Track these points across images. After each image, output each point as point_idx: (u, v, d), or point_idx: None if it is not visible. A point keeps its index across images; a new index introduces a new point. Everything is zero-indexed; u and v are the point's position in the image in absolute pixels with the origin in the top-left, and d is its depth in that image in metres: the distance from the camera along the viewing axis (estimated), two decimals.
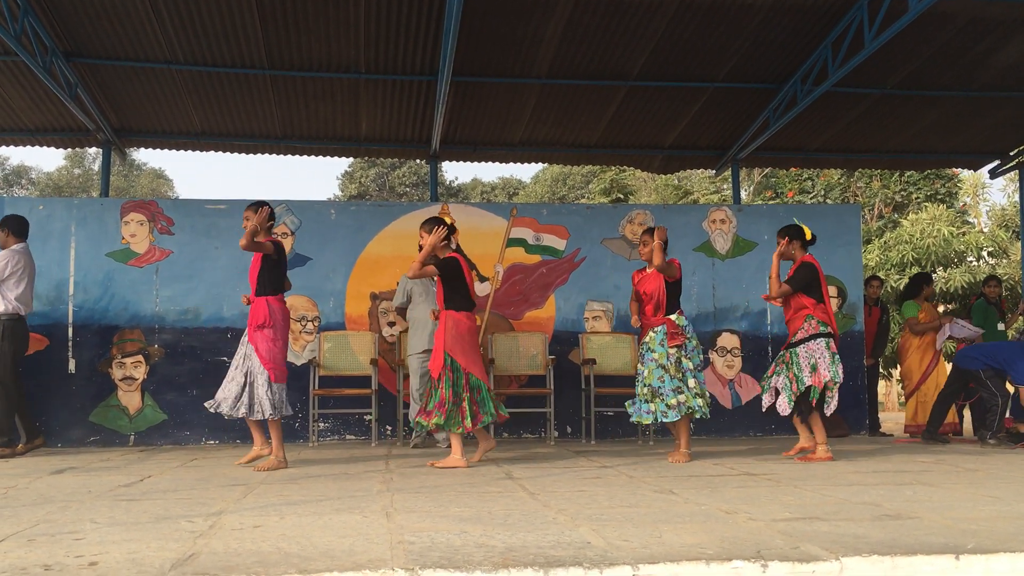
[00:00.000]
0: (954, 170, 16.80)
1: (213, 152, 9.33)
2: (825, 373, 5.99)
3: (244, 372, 5.70)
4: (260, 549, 2.77)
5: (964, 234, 15.25)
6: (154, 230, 8.22)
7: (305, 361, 8.04)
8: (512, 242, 8.58)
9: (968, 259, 15.62)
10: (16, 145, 9.16)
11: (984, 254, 16.42)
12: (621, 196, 20.69)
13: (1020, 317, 9.17)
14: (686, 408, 5.94)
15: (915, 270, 13.79)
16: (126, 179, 33.16)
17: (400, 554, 2.65)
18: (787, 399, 6.10)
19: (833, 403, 6.06)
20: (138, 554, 2.71)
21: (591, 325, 8.54)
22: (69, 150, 24.34)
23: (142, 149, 29.04)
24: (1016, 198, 16.65)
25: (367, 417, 7.98)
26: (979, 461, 5.87)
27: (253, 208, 5.75)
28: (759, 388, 8.63)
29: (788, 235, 6.29)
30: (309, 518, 3.43)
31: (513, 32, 7.18)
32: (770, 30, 7.26)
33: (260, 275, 5.75)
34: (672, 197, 19.88)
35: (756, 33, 7.28)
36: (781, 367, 6.19)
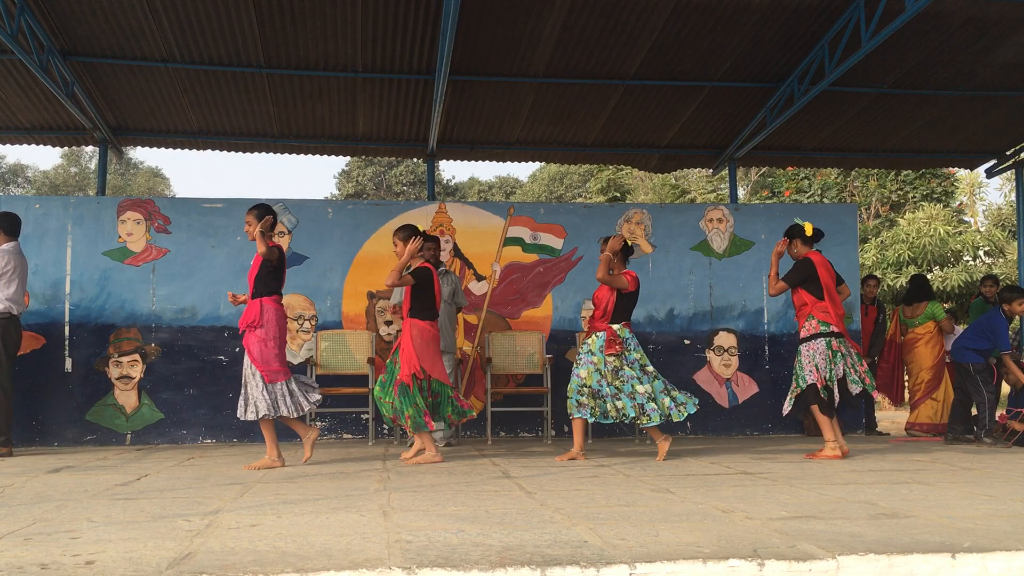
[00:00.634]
0: (950, 169, 16.81)
1: (210, 151, 9.33)
2: (824, 373, 6.04)
3: (243, 374, 5.72)
4: (257, 548, 2.77)
5: (960, 233, 15.26)
6: (151, 229, 8.21)
7: (302, 360, 8.05)
8: (509, 241, 8.58)
9: (965, 258, 15.64)
10: (12, 143, 9.15)
11: (980, 253, 16.45)
12: (618, 195, 20.71)
13: (1017, 317, 9.18)
14: (622, 415, 5.96)
15: (912, 269, 13.81)
16: (123, 178, 33.12)
17: (397, 553, 2.65)
18: (788, 398, 6.19)
19: (836, 395, 6.09)
20: (135, 553, 2.70)
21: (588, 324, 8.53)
22: (66, 148, 24.33)
23: (139, 147, 29.06)
24: (1012, 197, 16.67)
25: (364, 416, 7.98)
26: (975, 460, 5.88)
27: (255, 214, 5.74)
28: (756, 387, 8.69)
29: (789, 235, 6.42)
30: (306, 517, 3.43)
31: (510, 31, 7.18)
32: (767, 29, 7.26)
33: (259, 278, 5.75)
34: (669, 196, 19.89)
35: (753, 32, 7.29)
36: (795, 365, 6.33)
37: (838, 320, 6.17)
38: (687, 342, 8.64)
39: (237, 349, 7.83)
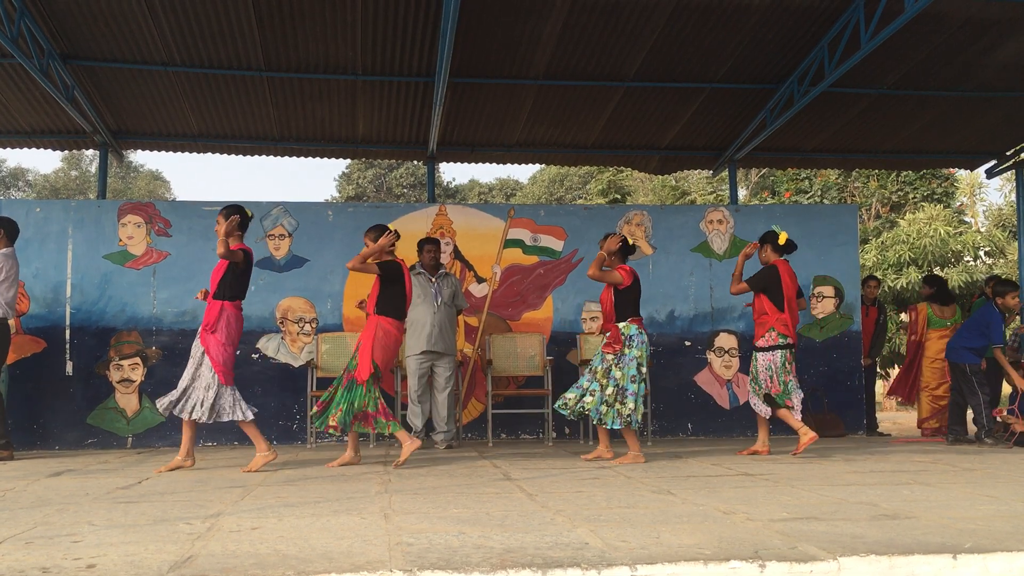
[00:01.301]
0: (951, 170, 16.82)
1: (210, 154, 9.33)
2: (778, 386, 6.35)
3: (191, 372, 5.66)
4: (258, 551, 2.77)
5: (961, 234, 15.26)
6: (151, 232, 8.21)
7: (303, 363, 8.05)
8: (510, 243, 8.59)
9: (965, 259, 15.63)
10: (13, 147, 9.15)
11: (981, 254, 16.45)
12: (618, 197, 20.72)
13: (1017, 316, 9.18)
14: (593, 411, 5.96)
15: (912, 270, 13.80)
16: (123, 181, 33.14)
17: (398, 555, 2.65)
18: (759, 399, 6.50)
19: (795, 412, 6.40)
20: (136, 556, 2.70)
21: (589, 326, 8.54)
22: (66, 152, 24.29)
23: (139, 151, 29.11)
24: (1013, 198, 16.68)
25: None
26: (976, 461, 5.88)
27: (224, 213, 5.72)
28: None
29: (762, 240, 6.67)
30: (307, 520, 3.43)
31: (510, 33, 7.18)
32: (767, 30, 7.27)
33: (223, 280, 5.68)
34: (669, 198, 19.89)
35: (753, 33, 7.29)
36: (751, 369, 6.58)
37: (794, 332, 6.43)
38: (688, 343, 8.64)
39: (237, 352, 7.81)
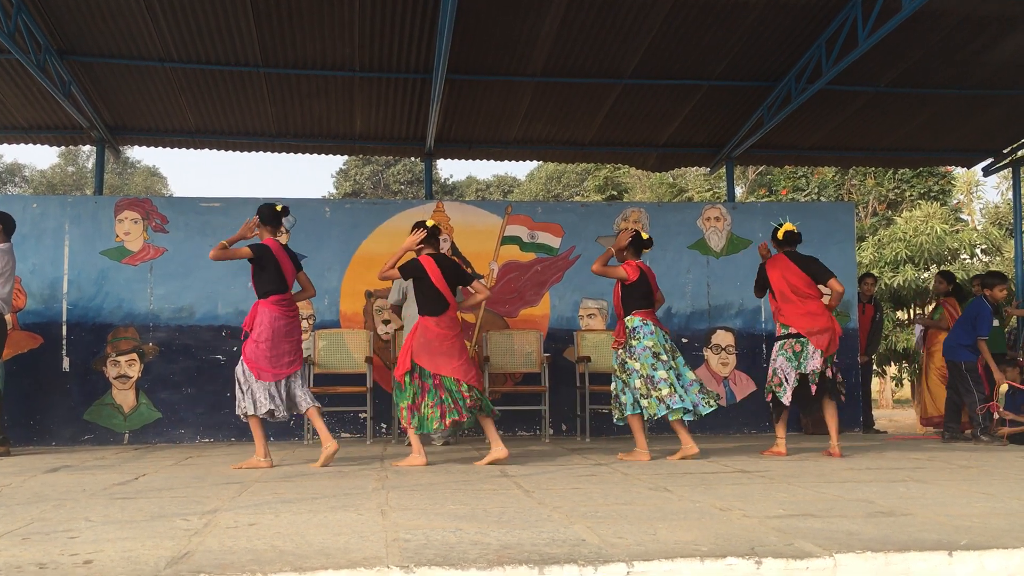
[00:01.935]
0: (948, 168, 16.82)
1: (207, 150, 9.31)
2: (781, 374, 6.25)
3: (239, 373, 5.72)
4: (255, 547, 2.77)
5: (958, 232, 15.26)
6: (148, 228, 8.20)
7: None
8: (507, 240, 8.59)
9: (962, 256, 15.64)
10: (10, 143, 9.14)
11: (978, 251, 16.45)
12: (616, 194, 20.70)
13: (1015, 317, 9.20)
14: (630, 408, 5.99)
15: (909, 267, 13.80)
16: (120, 177, 33.08)
17: (395, 552, 2.65)
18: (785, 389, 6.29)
19: (785, 399, 6.16)
20: (133, 552, 2.70)
21: (586, 323, 8.55)
22: (63, 148, 24.32)
23: (136, 147, 29.03)
24: (1009, 195, 16.69)
25: (362, 415, 7.98)
26: (972, 458, 5.89)
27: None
28: (754, 385, 8.70)
29: (770, 237, 6.65)
30: (304, 516, 3.43)
31: (508, 30, 7.18)
32: (764, 28, 7.27)
33: (253, 280, 5.81)
34: (667, 195, 19.89)
35: (750, 31, 7.29)
36: None
37: (794, 320, 6.21)
38: (685, 340, 8.65)
39: (235, 348, 7.83)
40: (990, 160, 10.16)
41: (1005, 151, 9.90)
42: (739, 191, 19.48)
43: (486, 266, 8.52)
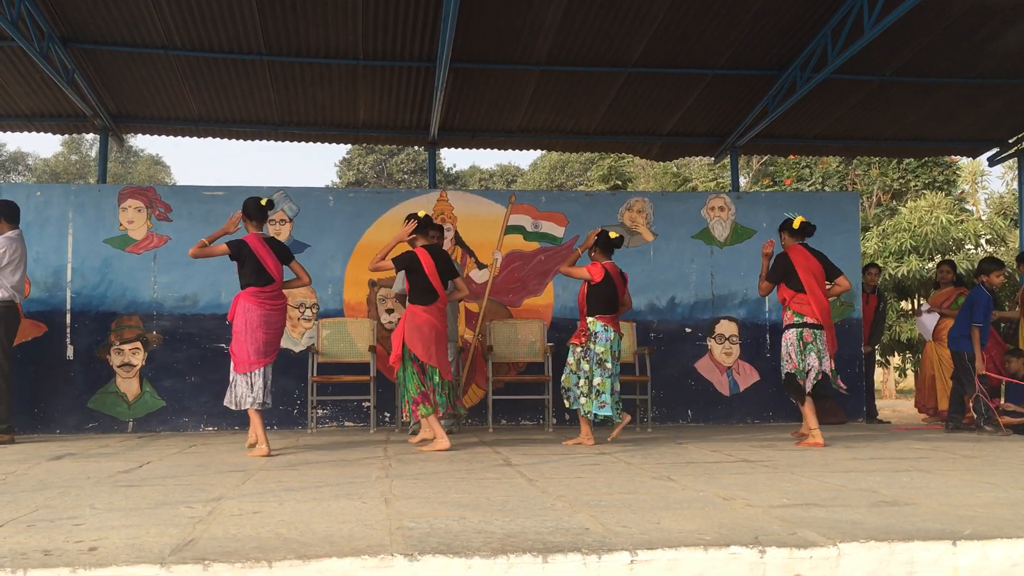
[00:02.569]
0: (952, 157, 16.76)
1: (211, 138, 9.31)
2: (794, 363, 6.25)
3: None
4: (259, 535, 2.78)
5: (962, 222, 15.21)
6: (152, 216, 8.20)
7: (303, 348, 8.06)
8: (511, 229, 8.58)
9: (966, 247, 15.60)
10: (13, 131, 9.13)
11: (982, 242, 16.41)
12: (620, 183, 20.65)
13: (1018, 307, 9.16)
14: (575, 402, 6.30)
15: (913, 258, 13.78)
16: (123, 165, 33.08)
17: (399, 540, 2.66)
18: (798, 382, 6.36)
19: (807, 386, 6.23)
20: (137, 539, 2.71)
21: None
22: (66, 136, 24.24)
23: (139, 135, 28.96)
24: (1015, 186, 16.63)
25: (365, 404, 7.99)
26: (976, 448, 5.89)
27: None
28: (757, 375, 8.70)
29: (779, 229, 6.65)
30: (308, 504, 3.44)
31: (512, 18, 7.15)
32: (769, 17, 7.23)
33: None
34: (671, 184, 19.85)
35: (755, 20, 7.26)
36: None
37: (819, 312, 6.25)
38: (688, 330, 8.65)
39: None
40: (995, 150, 10.13)
41: (1010, 141, 9.86)
42: (743, 181, 19.41)
43: (490, 255, 8.52)
